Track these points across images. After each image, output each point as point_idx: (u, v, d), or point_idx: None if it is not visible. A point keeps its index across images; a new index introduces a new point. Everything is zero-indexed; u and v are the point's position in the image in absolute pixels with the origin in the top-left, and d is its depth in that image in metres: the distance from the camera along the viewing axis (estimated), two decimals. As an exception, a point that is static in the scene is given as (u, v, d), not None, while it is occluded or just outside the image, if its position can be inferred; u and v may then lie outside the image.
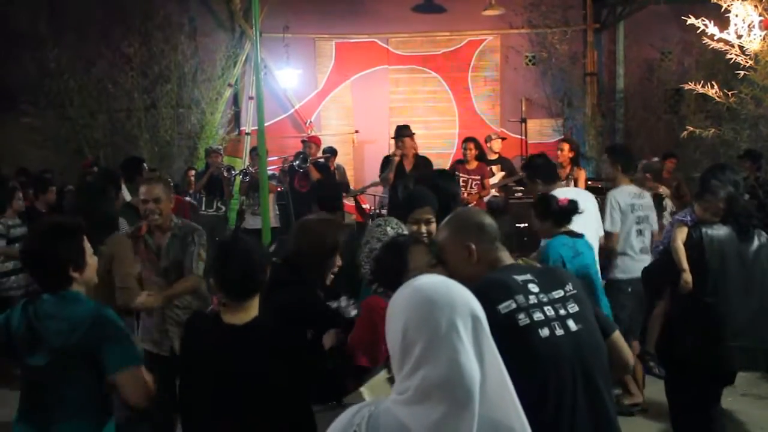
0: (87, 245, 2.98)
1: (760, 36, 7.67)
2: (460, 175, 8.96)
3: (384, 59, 12.57)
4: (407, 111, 12.50)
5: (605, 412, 2.24)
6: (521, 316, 2.17)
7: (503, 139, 10.06)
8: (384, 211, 9.42)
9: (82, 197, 4.47)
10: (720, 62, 8.84)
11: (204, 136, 11.59)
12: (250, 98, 11.90)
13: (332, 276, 3.51)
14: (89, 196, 4.40)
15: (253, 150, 9.83)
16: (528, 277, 2.31)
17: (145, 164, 7.33)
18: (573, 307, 2.28)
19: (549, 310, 2.23)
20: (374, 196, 10.14)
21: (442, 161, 11.93)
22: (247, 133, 12.13)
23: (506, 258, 2.46)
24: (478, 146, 9.19)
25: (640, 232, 5.60)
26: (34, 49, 10.54)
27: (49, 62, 10.67)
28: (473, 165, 8.97)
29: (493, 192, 9.15)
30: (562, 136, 11.74)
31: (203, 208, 9.64)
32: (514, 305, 2.18)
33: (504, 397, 1.57)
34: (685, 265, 4.38)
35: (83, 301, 2.88)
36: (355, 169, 12.19)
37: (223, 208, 9.97)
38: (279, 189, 9.64)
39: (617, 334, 2.48)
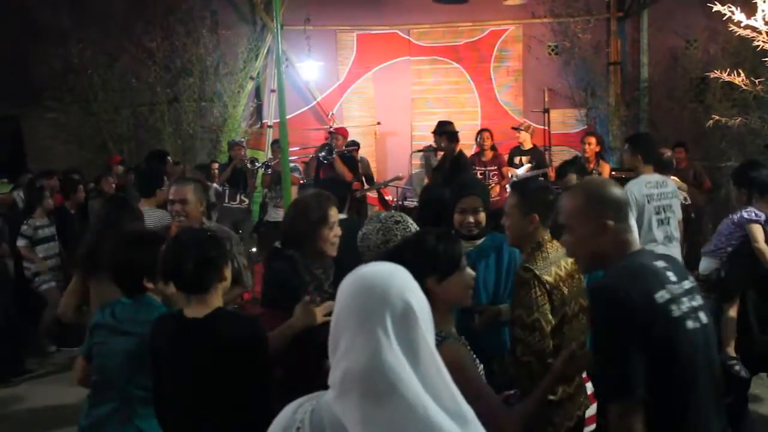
0: None
1: (789, 22, 7.56)
2: (477, 168, 8.98)
3: (405, 50, 12.52)
4: (429, 102, 12.49)
5: (719, 405, 2.24)
6: (674, 307, 2.14)
7: (526, 130, 9.95)
8: (407, 203, 9.46)
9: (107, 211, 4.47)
10: (747, 49, 8.70)
11: (226, 129, 11.64)
12: (272, 91, 11.93)
13: (335, 245, 3.45)
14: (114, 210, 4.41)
15: (275, 143, 9.84)
16: (663, 264, 2.26)
17: (169, 157, 7.38)
18: (699, 300, 2.25)
19: (686, 302, 2.19)
20: (397, 188, 10.13)
21: (465, 153, 11.89)
22: (270, 126, 12.17)
23: (637, 241, 2.37)
24: (492, 136, 9.23)
25: (661, 222, 5.45)
26: (58, 44, 10.62)
27: (72, 58, 10.76)
28: (488, 156, 8.99)
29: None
30: (586, 127, 11.66)
31: (227, 201, 9.68)
32: (668, 295, 2.14)
33: (441, 386, 1.48)
34: None
35: (156, 307, 3.13)
36: (377, 161, 12.16)
37: (247, 201, 10.01)
38: (302, 181, 9.64)
39: None
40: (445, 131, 7.91)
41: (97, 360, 3.15)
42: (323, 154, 9.04)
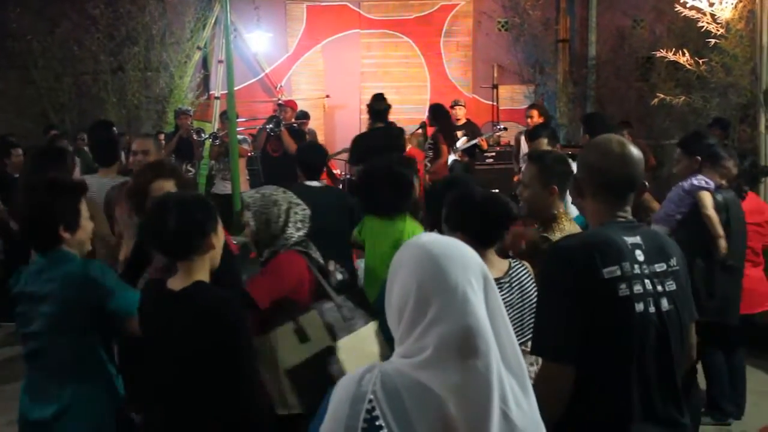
0: (84, 208, 2.92)
1: (732, 4, 7.71)
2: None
3: (356, 23, 12.42)
4: (379, 76, 12.42)
5: (673, 394, 2.19)
6: (623, 286, 2.07)
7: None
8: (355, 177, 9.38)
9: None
10: (691, 30, 8.85)
11: (173, 100, 11.42)
12: (220, 62, 11.72)
13: None
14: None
15: (223, 114, 9.70)
16: (637, 240, 2.18)
17: (114, 128, 7.21)
18: (670, 285, 2.17)
19: (648, 284, 2.11)
20: (344, 161, 10.08)
21: (413, 127, 11.90)
22: (217, 97, 11.96)
23: (618, 214, 2.27)
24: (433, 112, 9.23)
25: None
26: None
27: (10, 23, 10.40)
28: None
29: (455, 156, 9.07)
30: (533, 103, 11.75)
31: (172, 172, 9.49)
32: (618, 272, 2.08)
33: (511, 353, 1.55)
34: (722, 231, 4.42)
35: (71, 259, 2.85)
36: (325, 134, 12.09)
37: (192, 171, 9.83)
38: (250, 154, 9.52)
39: (692, 324, 2.36)
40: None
41: (20, 330, 2.88)
42: (270, 126, 8.93)
